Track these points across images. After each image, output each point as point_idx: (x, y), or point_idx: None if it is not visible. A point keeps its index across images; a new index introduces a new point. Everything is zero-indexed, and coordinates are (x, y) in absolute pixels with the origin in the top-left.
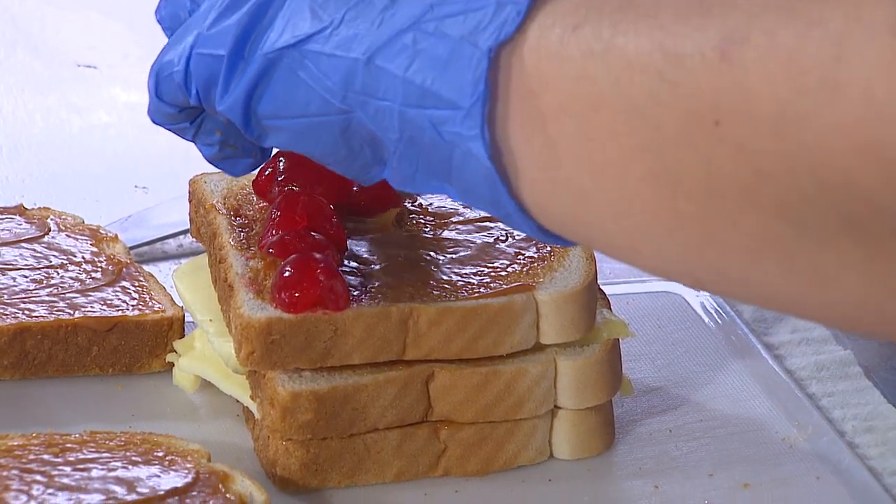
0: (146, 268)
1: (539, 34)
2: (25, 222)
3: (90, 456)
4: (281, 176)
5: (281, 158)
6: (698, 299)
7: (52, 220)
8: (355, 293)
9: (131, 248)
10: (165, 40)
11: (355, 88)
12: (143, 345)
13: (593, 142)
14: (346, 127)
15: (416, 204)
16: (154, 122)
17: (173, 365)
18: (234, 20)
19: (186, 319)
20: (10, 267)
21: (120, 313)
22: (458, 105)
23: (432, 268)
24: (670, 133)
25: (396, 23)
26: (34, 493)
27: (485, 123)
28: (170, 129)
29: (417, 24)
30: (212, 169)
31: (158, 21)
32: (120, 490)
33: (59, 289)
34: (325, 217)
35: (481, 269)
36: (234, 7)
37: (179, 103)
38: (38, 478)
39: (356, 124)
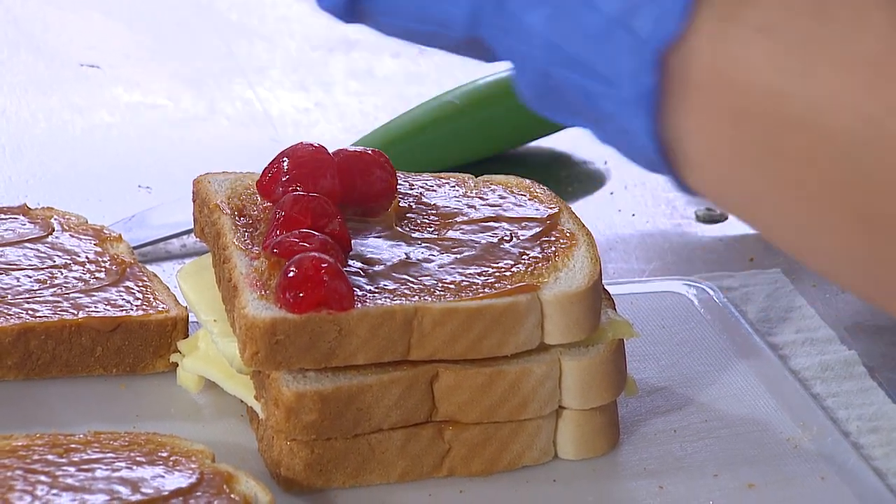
0: (150, 268)
1: (716, 27)
2: (29, 222)
3: (94, 456)
4: (285, 176)
5: (284, 158)
6: (702, 299)
7: (55, 219)
8: (359, 293)
9: (135, 248)
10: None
11: (485, 24)
12: (147, 345)
13: (782, 159)
14: (470, 44)
15: (420, 203)
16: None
17: (177, 365)
18: None
19: (190, 319)
20: (14, 267)
21: (124, 313)
22: (618, 87)
23: (436, 268)
24: (877, 179)
25: None
26: (38, 493)
27: (652, 121)
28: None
29: None
30: (215, 168)
31: None
32: (124, 490)
33: (63, 289)
34: (329, 217)
35: (485, 269)
36: None
37: None
38: (43, 478)
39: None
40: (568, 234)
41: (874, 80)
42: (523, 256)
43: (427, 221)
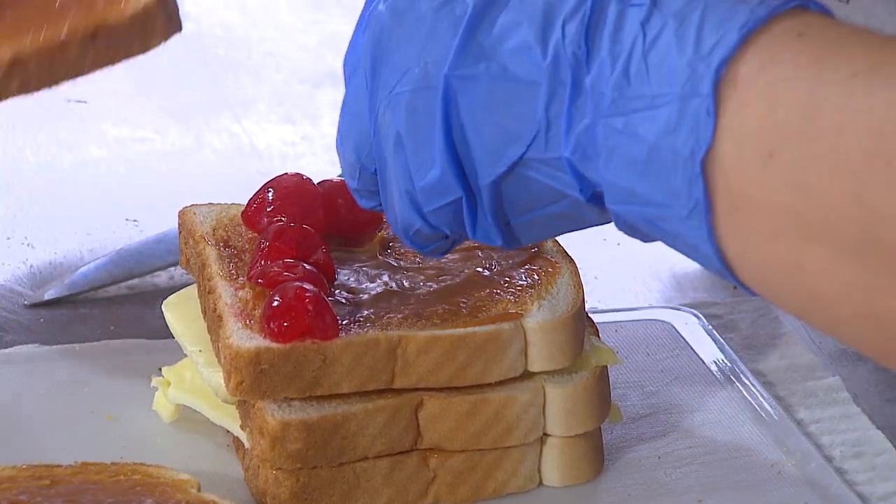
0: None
1: (738, 154)
2: None
3: (80, 487)
4: (270, 206)
5: (269, 189)
6: (687, 327)
7: None
8: (344, 322)
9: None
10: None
11: (577, 181)
12: None
13: (804, 272)
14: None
15: None
16: (431, 257)
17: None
18: (440, 168)
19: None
20: None
21: None
22: (674, 208)
23: (420, 296)
24: (879, 282)
25: (587, 114)
26: None
27: (711, 232)
28: (450, 249)
29: (605, 119)
30: (202, 201)
31: (366, 204)
32: None
33: None
34: (314, 247)
35: (469, 297)
36: (423, 159)
37: (439, 239)
38: None
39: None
40: (551, 262)
41: (861, 192)
42: (507, 284)
43: (411, 251)
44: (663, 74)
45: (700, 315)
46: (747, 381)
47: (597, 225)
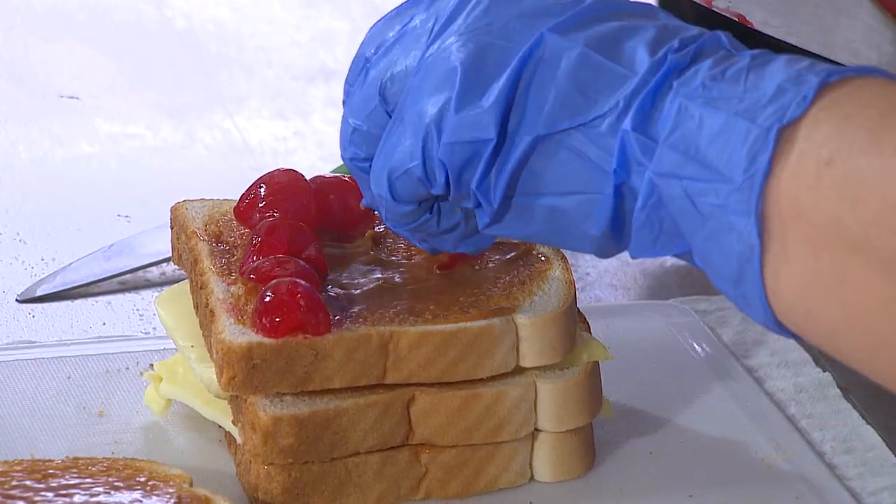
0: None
1: (797, 161)
2: None
3: (73, 482)
4: (262, 202)
5: (262, 185)
6: (678, 322)
7: None
8: (335, 317)
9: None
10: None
11: (635, 160)
12: None
13: (846, 284)
14: (621, 203)
15: None
16: (394, 229)
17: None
18: (488, 106)
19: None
20: None
21: None
22: (727, 177)
23: (412, 292)
24: None
25: (669, 100)
26: None
27: (760, 200)
28: (410, 229)
29: (687, 96)
30: (194, 197)
31: (349, 159)
32: None
33: None
34: (306, 242)
35: (460, 292)
36: (473, 95)
37: (420, 197)
38: (21, 503)
39: (629, 199)
40: (542, 258)
41: None
42: (498, 280)
43: (402, 246)
44: (766, 76)
45: (691, 311)
46: (738, 377)
47: (585, 248)
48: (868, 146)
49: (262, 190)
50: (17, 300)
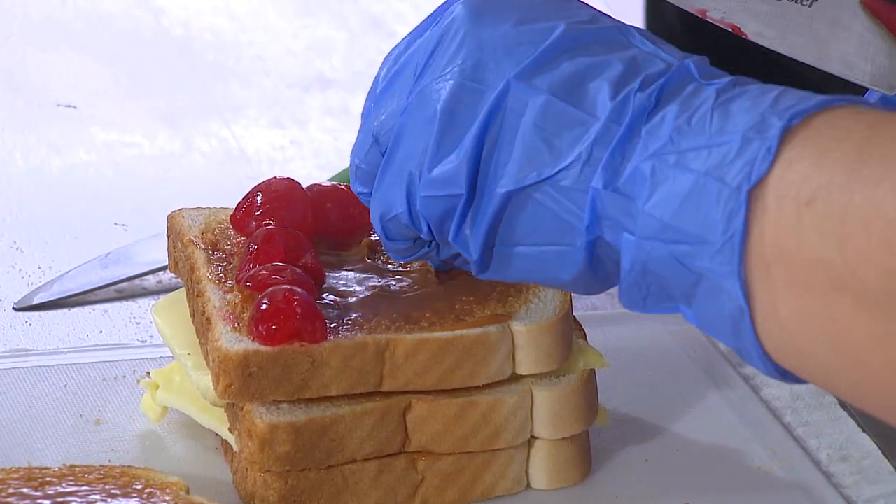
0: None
1: (776, 204)
2: None
3: (69, 489)
4: (258, 210)
5: (258, 193)
6: (674, 330)
7: None
8: (332, 325)
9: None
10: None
11: (604, 217)
12: None
13: (835, 323)
14: (594, 254)
15: None
16: (397, 259)
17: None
18: (458, 161)
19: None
20: None
21: None
22: (707, 240)
23: (408, 300)
24: None
25: (636, 154)
26: None
27: (741, 262)
28: (415, 259)
29: (657, 154)
30: (191, 205)
31: (358, 193)
32: None
33: None
34: (302, 250)
35: (457, 300)
36: (446, 147)
37: (412, 237)
38: None
39: (603, 250)
40: None
41: (891, 239)
42: (494, 287)
43: None
44: (730, 120)
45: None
46: (734, 385)
47: (567, 289)
48: (848, 182)
49: (259, 198)
50: (13, 308)
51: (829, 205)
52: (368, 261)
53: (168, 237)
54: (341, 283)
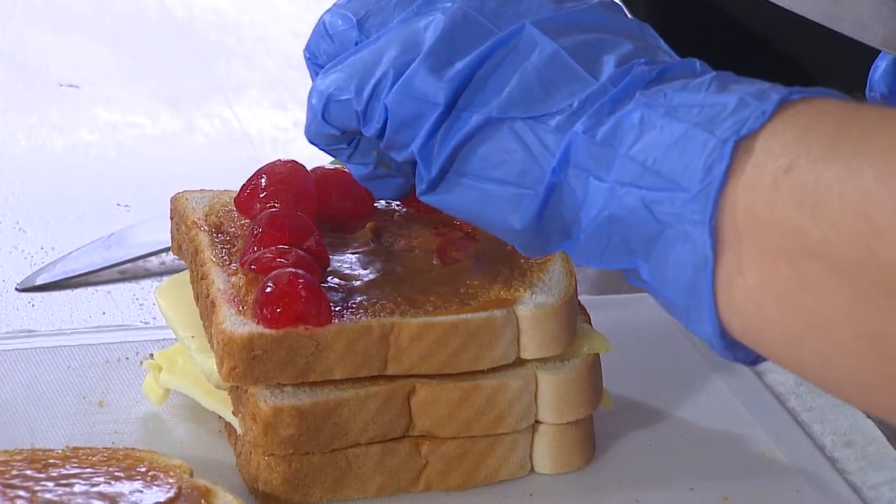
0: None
1: (754, 170)
2: None
3: (73, 471)
4: (263, 193)
5: (262, 175)
6: None
7: None
8: (337, 308)
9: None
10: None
11: (573, 163)
12: None
13: (807, 291)
14: (549, 202)
15: (396, 219)
16: (311, 141)
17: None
18: (447, 78)
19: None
20: None
21: None
22: (684, 187)
23: (413, 283)
24: (878, 300)
25: (626, 109)
26: None
27: (714, 213)
28: (324, 150)
29: (648, 105)
30: (193, 186)
31: (308, 56)
32: None
33: None
34: (307, 233)
35: (461, 284)
36: (438, 62)
37: (347, 128)
38: (21, 493)
39: (558, 200)
40: None
41: (866, 209)
42: (499, 272)
43: (403, 237)
44: (728, 89)
45: None
46: (738, 370)
47: (507, 238)
48: (827, 153)
49: (263, 180)
50: (16, 289)
51: (807, 174)
52: (373, 244)
53: (172, 219)
54: (346, 266)
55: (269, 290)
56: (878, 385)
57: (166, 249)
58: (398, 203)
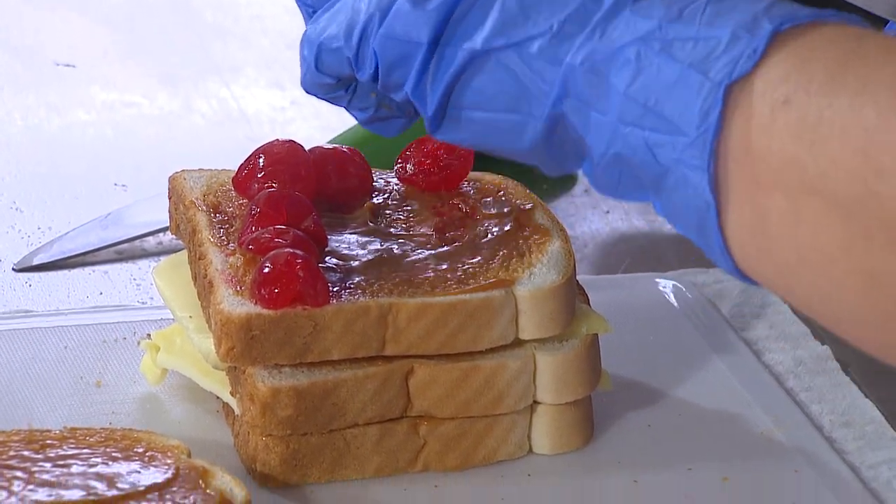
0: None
1: (752, 103)
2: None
3: (70, 452)
4: (261, 173)
5: (260, 155)
6: (677, 295)
7: None
8: (334, 289)
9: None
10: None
11: (572, 94)
12: None
13: (803, 224)
14: (554, 129)
15: (394, 200)
16: (308, 92)
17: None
18: (432, 8)
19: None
20: None
21: None
22: (683, 131)
23: (411, 263)
24: (877, 237)
25: (618, 36)
26: (14, 488)
27: (712, 157)
28: (323, 98)
29: (643, 40)
30: (191, 166)
31: (299, 2)
32: (100, 486)
33: None
34: (305, 213)
35: (460, 264)
36: None
37: (342, 75)
38: (19, 473)
39: (563, 127)
40: (542, 230)
41: (867, 147)
42: (497, 252)
43: (401, 217)
44: (722, 15)
45: (689, 283)
46: (737, 350)
47: (521, 160)
48: (827, 87)
49: (261, 160)
50: (13, 269)
51: (806, 107)
52: (371, 224)
53: (169, 199)
54: (344, 246)
55: (267, 270)
56: (875, 322)
57: (164, 229)
58: (397, 182)
